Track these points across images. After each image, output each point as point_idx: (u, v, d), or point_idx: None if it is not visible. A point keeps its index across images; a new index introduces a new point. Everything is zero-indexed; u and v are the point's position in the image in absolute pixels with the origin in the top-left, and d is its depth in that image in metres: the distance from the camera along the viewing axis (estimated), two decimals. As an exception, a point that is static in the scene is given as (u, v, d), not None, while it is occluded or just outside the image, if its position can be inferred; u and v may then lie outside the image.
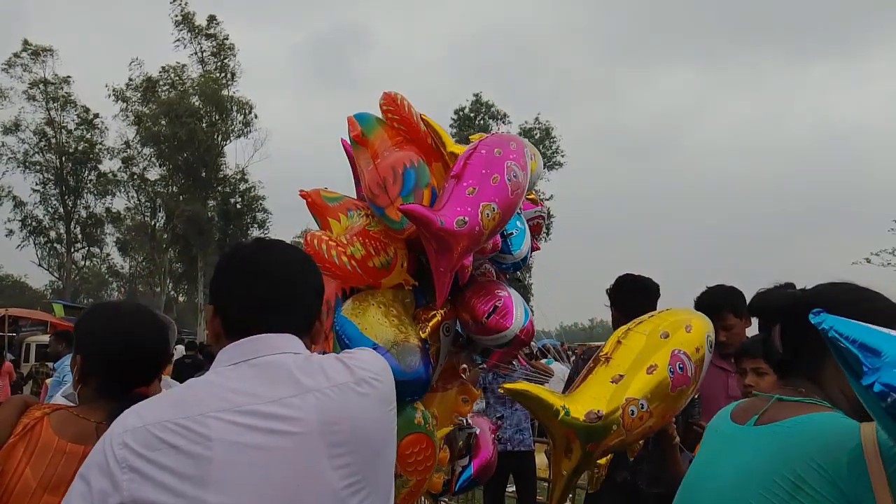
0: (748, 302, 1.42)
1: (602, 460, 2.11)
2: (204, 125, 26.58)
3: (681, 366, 1.89)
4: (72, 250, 29.88)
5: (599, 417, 1.77)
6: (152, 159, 27.87)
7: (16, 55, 27.58)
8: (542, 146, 29.52)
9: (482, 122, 30.18)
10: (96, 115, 29.04)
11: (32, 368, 10.15)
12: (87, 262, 33.50)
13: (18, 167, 28.03)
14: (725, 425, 1.33)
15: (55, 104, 28.26)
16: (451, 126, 30.13)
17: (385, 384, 1.15)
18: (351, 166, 2.40)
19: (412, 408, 2.05)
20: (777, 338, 1.29)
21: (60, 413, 1.38)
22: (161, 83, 27.45)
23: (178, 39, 27.51)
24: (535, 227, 2.70)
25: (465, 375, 2.42)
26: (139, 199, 29.55)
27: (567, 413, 1.77)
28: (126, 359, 1.44)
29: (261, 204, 29.05)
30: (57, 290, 34.43)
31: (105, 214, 30.31)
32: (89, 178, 29.35)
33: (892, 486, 0.98)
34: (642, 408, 1.81)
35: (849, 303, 1.14)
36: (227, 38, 28.01)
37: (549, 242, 29.34)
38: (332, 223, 2.28)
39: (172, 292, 32.82)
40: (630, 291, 2.89)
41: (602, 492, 2.37)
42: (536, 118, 31.74)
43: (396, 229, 2.12)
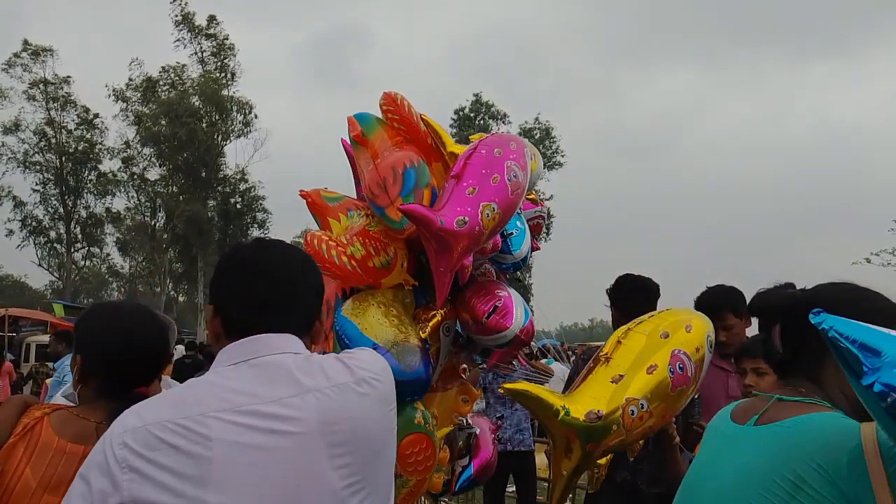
0: (748, 302, 1.42)
1: (602, 460, 2.10)
2: (204, 125, 26.57)
3: (681, 366, 1.89)
4: (72, 250, 29.88)
5: (599, 417, 1.77)
6: (152, 159, 27.90)
7: (16, 55, 27.61)
8: (542, 146, 29.52)
9: (482, 122, 30.17)
10: (96, 115, 29.06)
11: (32, 368, 10.15)
12: (87, 262, 33.54)
13: (18, 167, 28.08)
14: (725, 425, 1.33)
15: (55, 104, 28.26)
16: (451, 126, 30.12)
17: (385, 384, 1.15)
18: (351, 166, 2.40)
19: (412, 408, 2.05)
20: (777, 338, 1.29)
21: (60, 413, 1.38)
22: (161, 83, 27.45)
23: (178, 39, 27.57)
24: (535, 227, 2.70)
25: (465, 375, 2.42)
26: (139, 199, 29.59)
27: (567, 413, 1.77)
28: (126, 359, 1.44)
29: (261, 204, 29.07)
30: (57, 290, 34.43)
31: (105, 214, 30.32)
32: (89, 178, 29.35)
33: (892, 486, 0.98)
34: (642, 408, 1.81)
35: (849, 303, 1.14)
36: (227, 38, 28.06)
37: (549, 242, 29.40)
38: (332, 223, 2.28)
39: (172, 292, 32.82)
40: (630, 291, 2.89)
41: (602, 492, 2.37)
42: (536, 118, 31.79)
43: (396, 229, 2.12)
